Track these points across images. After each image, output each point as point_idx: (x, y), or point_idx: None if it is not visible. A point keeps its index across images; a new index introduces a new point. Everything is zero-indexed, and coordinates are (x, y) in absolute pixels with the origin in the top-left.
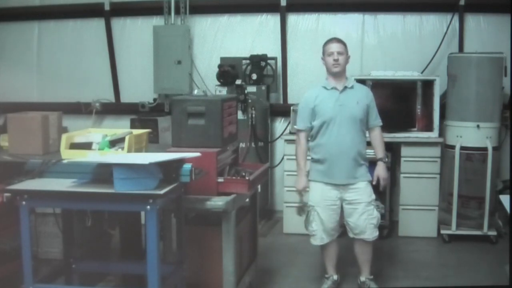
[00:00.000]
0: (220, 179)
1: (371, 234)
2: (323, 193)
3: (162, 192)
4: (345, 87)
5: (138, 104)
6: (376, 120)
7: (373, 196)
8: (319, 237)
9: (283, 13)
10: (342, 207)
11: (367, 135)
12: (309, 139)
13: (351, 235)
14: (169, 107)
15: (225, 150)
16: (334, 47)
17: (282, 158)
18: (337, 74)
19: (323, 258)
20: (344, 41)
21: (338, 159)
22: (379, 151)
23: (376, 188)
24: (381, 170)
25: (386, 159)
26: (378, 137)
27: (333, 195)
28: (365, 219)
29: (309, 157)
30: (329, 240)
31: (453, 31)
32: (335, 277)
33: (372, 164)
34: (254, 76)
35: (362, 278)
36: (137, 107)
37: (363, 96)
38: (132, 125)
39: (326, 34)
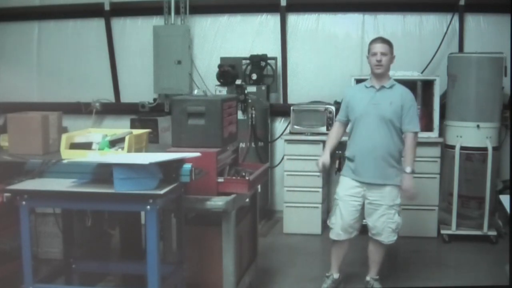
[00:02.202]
0: (220, 179)
1: (387, 237)
2: (348, 188)
3: (162, 192)
4: (382, 87)
5: (138, 104)
6: (409, 125)
7: (398, 201)
8: (336, 232)
9: (283, 13)
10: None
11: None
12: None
13: (369, 234)
14: (169, 107)
15: (225, 150)
16: (378, 48)
17: (282, 158)
18: (379, 75)
19: (331, 254)
20: (390, 41)
21: (365, 157)
22: (406, 160)
23: None
24: (405, 181)
25: (412, 170)
26: (408, 144)
27: (357, 192)
28: (383, 222)
29: None
30: (346, 238)
31: (453, 31)
32: (336, 276)
33: None
34: (254, 76)
35: (367, 278)
36: (137, 107)
37: (398, 98)
38: (132, 125)
39: (326, 34)
